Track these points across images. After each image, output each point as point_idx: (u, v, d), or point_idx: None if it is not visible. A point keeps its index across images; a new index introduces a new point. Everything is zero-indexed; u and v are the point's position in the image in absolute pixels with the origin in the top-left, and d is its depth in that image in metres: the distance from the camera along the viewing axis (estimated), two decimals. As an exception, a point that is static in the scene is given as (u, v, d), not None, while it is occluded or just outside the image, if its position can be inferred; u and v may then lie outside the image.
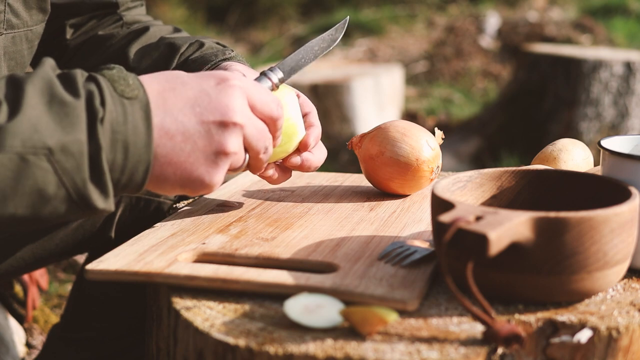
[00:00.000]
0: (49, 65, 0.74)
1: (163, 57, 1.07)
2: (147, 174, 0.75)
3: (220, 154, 0.78)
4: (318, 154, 1.01)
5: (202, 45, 1.08)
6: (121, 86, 0.74)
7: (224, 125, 0.78)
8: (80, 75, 0.74)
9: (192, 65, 1.05)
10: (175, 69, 1.05)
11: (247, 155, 0.83)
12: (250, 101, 0.81)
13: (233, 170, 0.84)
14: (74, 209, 0.73)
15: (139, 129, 0.74)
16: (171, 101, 0.77)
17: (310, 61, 0.98)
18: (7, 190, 0.68)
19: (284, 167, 1.00)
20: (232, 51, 1.08)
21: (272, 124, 0.84)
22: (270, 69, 0.94)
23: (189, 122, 0.77)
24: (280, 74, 0.94)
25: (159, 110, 0.76)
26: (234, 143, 0.79)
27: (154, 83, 0.78)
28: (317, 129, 1.01)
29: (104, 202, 0.74)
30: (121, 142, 0.73)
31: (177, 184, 0.79)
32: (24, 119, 0.68)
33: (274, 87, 0.94)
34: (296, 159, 0.99)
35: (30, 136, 0.68)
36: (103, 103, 0.72)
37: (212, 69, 1.04)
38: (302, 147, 0.99)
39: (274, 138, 0.86)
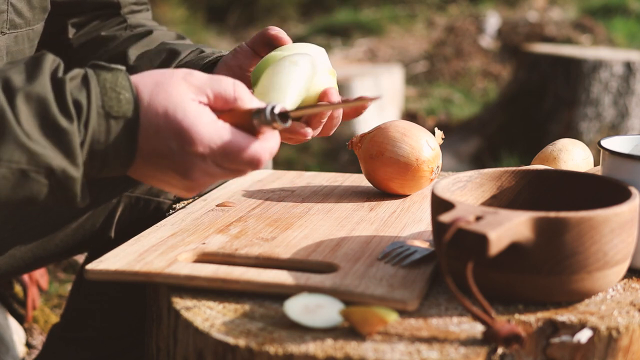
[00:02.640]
0: (48, 67, 0.74)
1: (163, 62, 1.07)
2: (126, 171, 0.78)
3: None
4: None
5: (202, 52, 1.08)
6: (111, 101, 0.74)
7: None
8: (68, 81, 0.73)
9: (190, 65, 1.05)
10: None
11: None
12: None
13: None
14: (53, 202, 0.77)
15: (120, 150, 0.75)
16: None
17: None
18: (1, 199, 0.73)
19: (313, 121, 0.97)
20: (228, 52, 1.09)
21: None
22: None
23: (172, 153, 0.77)
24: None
25: (149, 135, 0.76)
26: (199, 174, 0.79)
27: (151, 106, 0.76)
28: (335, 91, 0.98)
29: (83, 203, 0.77)
30: (100, 157, 0.75)
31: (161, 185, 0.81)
32: (29, 140, 0.71)
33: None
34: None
35: (36, 157, 0.72)
36: (87, 124, 0.73)
37: (209, 66, 1.05)
38: (323, 96, 0.95)
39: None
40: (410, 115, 4.37)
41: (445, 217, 0.71)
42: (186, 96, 0.76)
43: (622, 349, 0.71)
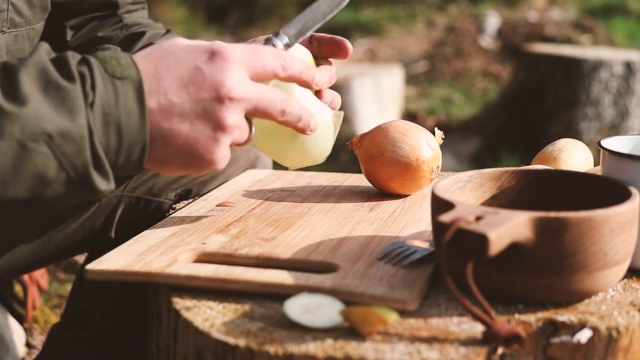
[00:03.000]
0: (44, 50, 0.74)
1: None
2: (144, 153, 0.76)
3: (219, 130, 0.77)
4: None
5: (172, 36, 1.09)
6: (112, 66, 0.74)
7: (220, 100, 0.77)
8: (71, 57, 0.73)
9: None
10: None
11: (254, 128, 0.82)
12: (250, 70, 0.79)
13: (241, 144, 0.83)
14: (75, 192, 0.73)
15: (132, 109, 0.74)
16: (165, 82, 0.76)
17: (319, 23, 0.94)
18: (7, 177, 0.70)
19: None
20: None
21: (286, 77, 0.83)
22: (275, 34, 0.90)
23: (185, 103, 0.76)
24: (285, 39, 0.90)
25: (154, 92, 0.75)
26: (232, 117, 0.78)
27: (147, 62, 0.77)
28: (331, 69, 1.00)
29: (106, 184, 0.74)
30: (114, 124, 0.73)
31: (180, 165, 0.79)
32: (21, 107, 0.69)
33: None
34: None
35: (29, 123, 0.69)
36: (93, 86, 0.72)
37: None
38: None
39: (304, 81, 0.85)
40: (410, 115, 4.37)
41: (445, 217, 0.71)
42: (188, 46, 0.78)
43: (622, 349, 0.71)
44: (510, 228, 0.69)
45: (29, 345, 1.65)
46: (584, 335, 0.70)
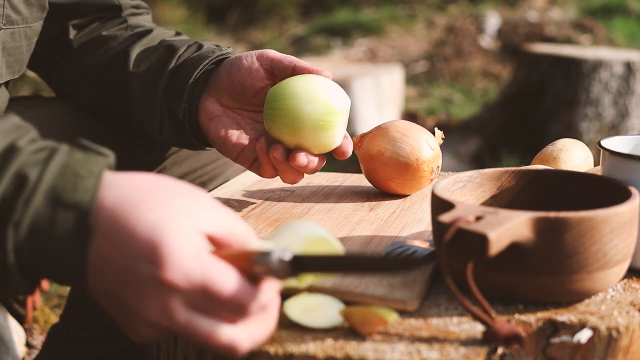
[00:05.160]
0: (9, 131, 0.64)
1: (161, 59, 1.07)
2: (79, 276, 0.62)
3: (134, 319, 0.62)
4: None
5: (200, 47, 1.08)
6: (65, 184, 0.61)
7: (136, 320, 0.62)
8: (24, 152, 0.62)
9: (189, 64, 1.04)
10: (171, 70, 1.04)
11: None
12: (189, 301, 0.60)
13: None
14: None
15: (68, 248, 0.60)
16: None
17: (342, 273, 0.70)
18: None
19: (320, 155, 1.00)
20: (229, 48, 1.08)
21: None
22: (281, 250, 0.63)
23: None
24: (287, 256, 0.62)
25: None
26: (147, 332, 0.62)
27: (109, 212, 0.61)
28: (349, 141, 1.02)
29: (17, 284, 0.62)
30: (41, 248, 0.60)
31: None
32: None
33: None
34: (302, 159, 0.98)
35: None
36: (28, 202, 0.60)
37: (209, 68, 1.04)
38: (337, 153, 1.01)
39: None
40: (410, 115, 4.37)
41: (445, 217, 0.71)
42: (177, 212, 0.61)
43: (622, 349, 0.71)
44: (510, 228, 0.69)
45: (29, 345, 1.65)
46: (584, 335, 0.70)
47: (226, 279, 0.60)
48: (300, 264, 0.62)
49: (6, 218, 0.60)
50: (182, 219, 0.61)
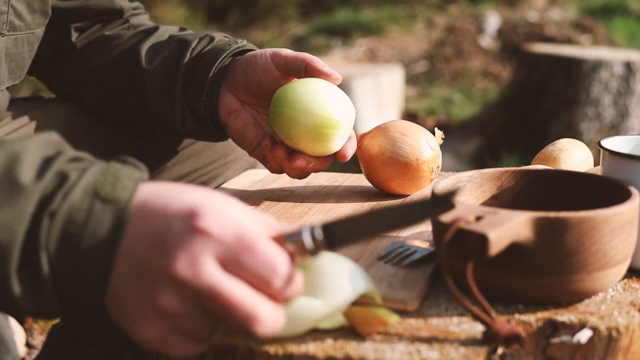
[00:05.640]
0: (37, 141, 0.63)
1: (174, 53, 1.07)
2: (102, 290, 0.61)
3: (149, 307, 0.61)
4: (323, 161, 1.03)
5: (212, 39, 1.08)
6: (105, 183, 0.61)
7: (163, 276, 0.59)
8: (62, 159, 0.62)
9: (205, 58, 1.05)
10: (187, 64, 1.05)
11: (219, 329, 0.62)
12: (223, 258, 0.59)
13: (203, 341, 0.62)
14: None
15: (99, 241, 0.60)
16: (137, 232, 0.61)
17: (373, 236, 0.65)
18: None
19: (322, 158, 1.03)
20: (243, 40, 1.09)
21: (263, 285, 0.60)
22: (311, 228, 0.63)
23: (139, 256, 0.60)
24: (319, 234, 0.63)
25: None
26: (169, 299, 0.59)
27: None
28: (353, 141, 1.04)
29: (30, 303, 0.60)
30: (73, 243, 0.60)
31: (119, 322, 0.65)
32: None
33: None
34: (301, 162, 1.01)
35: None
36: (66, 195, 0.60)
37: (227, 64, 1.05)
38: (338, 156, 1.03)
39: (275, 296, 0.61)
40: (410, 115, 4.37)
41: (445, 217, 0.71)
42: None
43: (622, 349, 0.71)
44: (510, 228, 0.69)
45: (29, 345, 1.65)
46: (584, 335, 0.70)
47: (260, 237, 0.60)
48: (332, 235, 0.62)
49: (44, 207, 0.60)
50: (219, 200, 0.62)
